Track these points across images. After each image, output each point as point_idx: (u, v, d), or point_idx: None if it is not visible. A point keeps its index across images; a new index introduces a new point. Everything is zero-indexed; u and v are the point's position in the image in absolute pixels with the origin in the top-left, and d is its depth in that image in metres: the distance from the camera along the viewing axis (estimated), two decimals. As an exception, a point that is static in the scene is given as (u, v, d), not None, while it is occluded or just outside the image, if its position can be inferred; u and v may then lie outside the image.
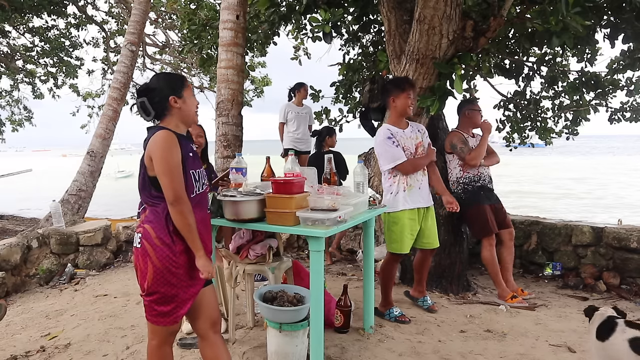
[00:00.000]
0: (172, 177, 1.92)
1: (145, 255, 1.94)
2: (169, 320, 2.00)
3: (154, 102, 2.01)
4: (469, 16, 3.88)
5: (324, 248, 2.39)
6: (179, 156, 1.95)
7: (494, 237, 3.90)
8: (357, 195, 2.93)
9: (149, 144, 1.96)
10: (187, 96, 2.07)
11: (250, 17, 5.97)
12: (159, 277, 1.94)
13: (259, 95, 13.40)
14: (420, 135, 3.30)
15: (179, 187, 1.92)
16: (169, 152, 1.93)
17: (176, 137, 1.98)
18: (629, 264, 4.21)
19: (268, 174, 3.03)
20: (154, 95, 2.02)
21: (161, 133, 1.95)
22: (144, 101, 2.01)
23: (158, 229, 1.95)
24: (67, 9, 11.20)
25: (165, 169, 1.91)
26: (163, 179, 1.92)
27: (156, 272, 1.93)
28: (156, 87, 2.04)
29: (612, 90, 5.49)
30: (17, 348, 3.02)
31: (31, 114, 14.19)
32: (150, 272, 1.94)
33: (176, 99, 2.03)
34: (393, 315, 3.33)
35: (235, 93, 4.98)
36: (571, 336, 3.14)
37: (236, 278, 3.04)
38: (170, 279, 1.95)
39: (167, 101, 2.01)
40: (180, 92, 2.05)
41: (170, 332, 2.07)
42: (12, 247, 4.32)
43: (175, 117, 2.05)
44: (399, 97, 3.19)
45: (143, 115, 2.04)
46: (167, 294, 1.96)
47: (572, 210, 14.70)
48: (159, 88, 2.03)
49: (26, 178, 32.57)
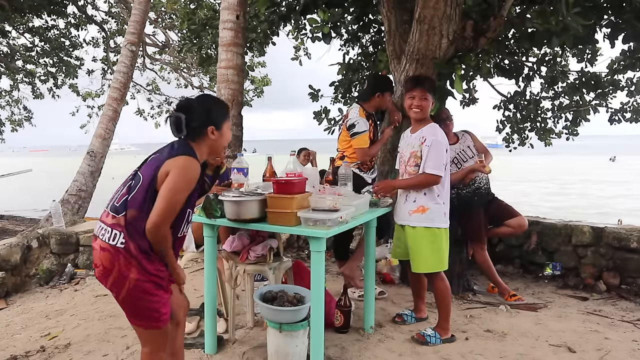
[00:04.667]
0: (172, 207, 1.82)
1: (129, 261, 1.81)
2: (159, 322, 1.90)
3: (192, 124, 1.92)
4: (469, 16, 3.89)
5: (325, 249, 2.39)
6: (187, 194, 1.87)
7: (485, 242, 3.94)
8: (359, 195, 2.94)
9: (175, 161, 1.84)
10: (225, 129, 2.00)
11: (250, 16, 5.97)
12: (138, 290, 1.83)
13: (259, 95, 13.39)
14: (417, 145, 2.94)
15: (167, 221, 1.83)
16: (187, 184, 1.85)
17: (199, 173, 1.90)
18: (629, 264, 4.21)
19: (270, 174, 3.03)
20: (193, 116, 1.92)
21: (191, 161, 1.87)
22: (181, 118, 1.91)
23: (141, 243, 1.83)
24: (67, 9, 11.20)
25: (171, 197, 1.81)
26: (162, 202, 1.81)
27: (139, 274, 1.82)
28: (198, 110, 1.95)
29: (612, 91, 5.50)
30: (17, 348, 3.02)
31: (31, 114, 14.19)
32: (134, 273, 1.81)
33: (214, 130, 1.95)
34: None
35: (235, 93, 4.99)
36: (571, 336, 3.14)
37: (236, 278, 3.04)
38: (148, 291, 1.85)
39: (205, 128, 1.93)
40: (221, 124, 1.97)
41: (162, 335, 1.96)
42: (12, 247, 4.32)
43: (206, 146, 1.98)
44: (405, 97, 3.09)
45: (173, 131, 1.94)
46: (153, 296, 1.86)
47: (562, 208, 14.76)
48: (203, 112, 1.94)
49: (26, 178, 32.55)
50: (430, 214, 2.92)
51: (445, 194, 2.97)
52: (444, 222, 2.96)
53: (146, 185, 1.85)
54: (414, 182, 2.94)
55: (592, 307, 3.82)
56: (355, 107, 3.58)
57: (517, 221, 3.92)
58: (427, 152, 2.85)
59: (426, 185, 2.89)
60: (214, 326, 2.82)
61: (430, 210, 2.91)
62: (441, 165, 2.85)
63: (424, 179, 2.88)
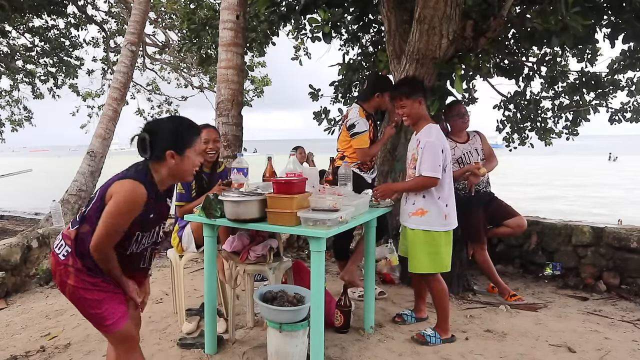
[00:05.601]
0: (110, 233, 1.81)
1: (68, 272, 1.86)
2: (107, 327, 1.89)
3: (154, 145, 1.87)
4: (469, 16, 3.89)
5: (325, 249, 2.39)
6: (133, 216, 1.83)
7: (485, 242, 3.95)
8: (359, 195, 2.93)
9: (120, 184, 1.82)
10: (190, 154, 1.92)
11: (250, 16, 5.97)
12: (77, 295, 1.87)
13: (259, 95, 13.39)
14: (415, 147, 2.96)
15: (107, 244, 1.82)
16: (128, 209, 1.80)
17: (147, 197, 1.83)
18: (629, 264, 4.21)
19: (269, 174, 3.03)
20: (157, 138, 1.88)
21: (133, 185, 1.81)
22: (145, 139, 1.86)
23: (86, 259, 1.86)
24: (67, 8, 11.19)
25: (110, 222, 1.79)
26: (101, 225, 1.80)
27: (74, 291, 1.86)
28: (163, 132, 1.90)
29: (612, 91, 5.49)
30: (17, 348, 3.02)
31: (31, 114, 14.19)
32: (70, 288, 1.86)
33: (174, 154, 1.88)
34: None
35: (235, 93, 4.99)
36: (571, 336, 3.14)
37: (236, 278, 3.04)
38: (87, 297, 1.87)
39: (164, 152, 1.87)
40: (184, 149, 1.90)
41: (124, 338, 1.95)
42: (12, 247, 4.32)
43: (167, 170, 1.91)
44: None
45: (139, 151, 1.90)
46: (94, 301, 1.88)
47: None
48: (166, 135, 1.89)
49: (26, 178, 32.56)
50: (429, 217, 2.90)
51: (446, 196, 2.93)
52: (444, 225, 2.92)
53: (98, 202, 1.86)
54: (411, 185, 2.95)
55: (592, 307, 3.82)
56: (355, 107, 3.58)
57: (516, 221, 3.92)
58: (421, 154, 2.85)
59: (423, 187, 2.88)
60: (214, 326, 2.82)
61: (429, 213, 2.90)
62: (436, 167, 2.82)
63: (420, 182, 2.87)
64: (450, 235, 2.98)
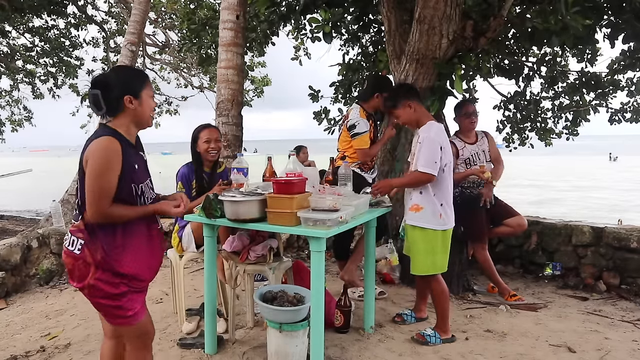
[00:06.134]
0: (100, 193, 1.76)
1: (87, 265, 1.82)
2: (125, 319, 1.87)
3: (108, 98, 1.83)
4: (469, 16, 3.89)
5: (325, 249, 2.39)
6: (116, 171, 1.78)
7: (487, 242, 3.95)
8: (359, 195, 2.93)
9: (89, 148, 1.78)
10: (145, 97, 1.90)
11: (250, 16, 5.98)
12: (96, 289, 1.83)
13: (259, 96, 13.39)
14: (415, 143, 2.95)
15: (102, 206, 1.77)
16: (108, 165, 1.76)
17: (121, 147, 1.80)
18: (629, 264, 4.21)
19: (269, 174, 3.03)
20: (108, 90, 1.84)
21: (104, 140, 1.78)
22: (98, 94, 1.82)
23: (94, 241, 1.82)
24: (67, 8, 11.19)
25: (95, 184, 1.75)
26: (89, 192, 1.76)
27: (97, 275, 1.82)
28: (113, 82, 1.86)
29: (612, 91, 5.49)
30: (17, 348, 3.02)
31: (31, 114, 14.19)
32: (92, 276, 1.82)
33: (132, 99, 1.85)
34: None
35: (235, 93, 4.99)
36: (571, 336, 3.14)
37: (236, 278, 3.04)
38: (110, 283, 1.84)
39: (121, 100, 1.84)
40: (139, 91, 1.88)
41: (138, 333, 1.94)
42: (12, 247, 4.32)
43: (128, 118, 1.88)
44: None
45: (94, 109, 1.87)
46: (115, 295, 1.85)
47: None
48: (116, 84, 1.85)
49: (26, 178, 32.56)
50: (423, 213, 2.89)
51: (442, 195, 2.89)
52: (439, 224, 2.89)
53: (82, 183, 1.83)
54: (408, 180, 2.98)
55: (592, 307, 3.82)
56: (356, 108, 3.58)
57: (517, 221, 3.92)
58: (418, 149, 2.85)
59: (419, 182, 2.87)
60: (214, 326, 2.82)
61: (424, 209, 2.89)
62: (432, 163, 2.78)
63: (415, 177, 2.86)
64: (447, 235, 2.95)
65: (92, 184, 1.76)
